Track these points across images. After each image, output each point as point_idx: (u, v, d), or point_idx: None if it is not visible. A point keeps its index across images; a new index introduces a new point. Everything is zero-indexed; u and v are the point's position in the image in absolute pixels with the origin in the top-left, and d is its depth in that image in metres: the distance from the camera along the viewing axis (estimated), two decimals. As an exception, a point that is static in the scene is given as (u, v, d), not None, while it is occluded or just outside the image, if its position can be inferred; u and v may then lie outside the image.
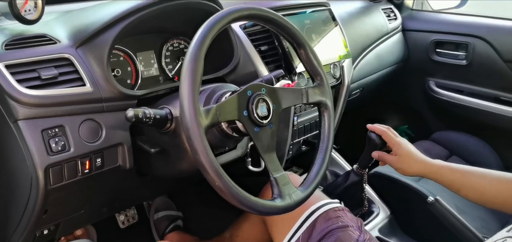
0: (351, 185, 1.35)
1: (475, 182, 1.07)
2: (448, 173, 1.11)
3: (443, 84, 2.13)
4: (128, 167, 1.03)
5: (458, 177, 1.09)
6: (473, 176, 1.08)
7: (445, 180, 1.11)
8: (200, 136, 0.80)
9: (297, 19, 1.47)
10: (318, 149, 1.04)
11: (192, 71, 0.82)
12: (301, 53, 1.05)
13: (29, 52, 0.93)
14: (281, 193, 0.91)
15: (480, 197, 1.07)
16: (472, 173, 1.09)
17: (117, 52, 1.13)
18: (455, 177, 1.10)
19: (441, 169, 1.12)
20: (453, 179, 1.10)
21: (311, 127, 1.50)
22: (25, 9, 0.99)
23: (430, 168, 1.13)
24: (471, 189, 1.07)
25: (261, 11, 0.96)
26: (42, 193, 0.91)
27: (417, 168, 1.15)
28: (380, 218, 1.45)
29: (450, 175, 1.11)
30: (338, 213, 1.12)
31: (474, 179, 1.08)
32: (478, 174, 1.08)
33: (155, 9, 1.05)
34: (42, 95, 0.90)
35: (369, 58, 1.89)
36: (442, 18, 2.17)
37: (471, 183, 1.08)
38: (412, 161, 1.16)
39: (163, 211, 1.67)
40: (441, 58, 2.10)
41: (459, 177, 1.09)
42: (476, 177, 1.08)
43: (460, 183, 1.09)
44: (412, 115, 2.36)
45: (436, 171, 1.12)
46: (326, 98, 1.06)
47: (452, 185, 1.11)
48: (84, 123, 0.95)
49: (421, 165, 1.14)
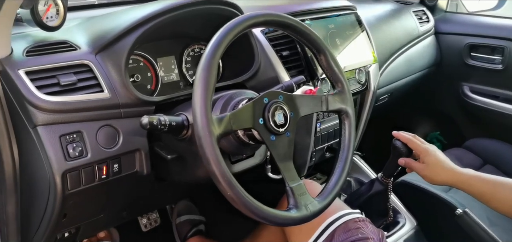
0: (375, 194, 1.31)
1: (506, 195, 1.02)
2: (478, 183, 1.06)
3: (477, 90, 2.05)
4: (145, 172, 1.03)
5: (489, 188, 1.05)
6: (504, 187, 1.03)
7: (475, 191, 1.07)
8: (212, 144, 0.79)
9: (321, 23, 1.44)
10: (338, 159, 1.01)
11: (205, 80, 0.81)
12: (321, 59, 1.02)
13: (49, 59, 0.95)
14: (297, 203, 0.89)
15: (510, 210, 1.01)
16: (504, 184, 1.04)
17: (137, 57, 1.14)
18: (485, 187, 1.05)
19: (470, 178, 1.08)
20: (483, 189, 1.06)
21: (334, 133, 1.47)
22: (47, 16, 1.01)
23: (458, 177, 1.09)
24: (502, 202, 1.03)
25: (278, 16, 0.94)
26: (60, 198, 0.92)
27: (445, 176, 1.11)
28: (406, 229, 1.40)
29: (480, 186, 1.06)
30: (359, 224, 1.09)
31: (505, 191, 1.03)
32: (510, 186, 1.03)
33: (174, 15, 1.05)
34: (60, 101, 0.91)
35: (399, 63, 1.84)
36: (478, 20, 2.09)
37: (502, 195, 1.03)
38: (440, 169, 1.11)
39: (186, 215, 1.67)
40: (475, 62, 2.03)
41: (490, 188, 1.05)
42: (507, 189, 1.03)
43: (490, 194, 1.05)
44: (444, 121, 2.28)
45: (465, 181, 1.08)
46: (347, 106, 1.03)
47: (482, 196, 1.06)
48: (101, 129, 0.96)
49: (450, 174, 1.10)
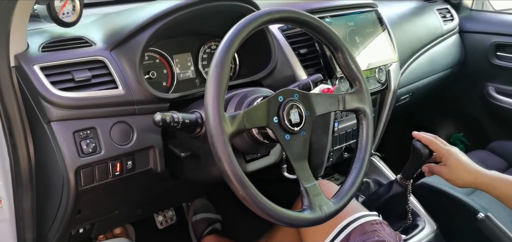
0: (394, 196, 1.28)
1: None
2: (502, 185, 1.03)
3: (503, 90, 1.99)
4: (159, 170, 1.02)
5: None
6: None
7: (498, 193, 1.04)
8: (224, 143, 0.77)
9: (341, 21, 1.41)
10: (355, 159, 0.98)
11: (218, 77, 0.79)
12: (339, 57, 1.00)
13: (64, 54, 0.95)
14: (311, 204, 0.87)
15: None
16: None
17: (153, 54, 1.13)
18: (510, 190, 1.01)
19: (494, 180, 1.04)
20: (508, 192, 1.02)
21: (353, 133, 1.44)
22: (63, 12, 1.01)
23: (482, 179, 1.06)
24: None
25: (294, 13, 0.92)
26: (73, 194, 0.92)
27: (468, 179, 1.08)
28: (425, 233, 1.36)
29: (504, 188, 1.03)
30: (375, 226, 1.06)
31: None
32: None
33: (190, 11, 1.04)
34: (74, 97, 0.91)
35: (421, 62, 1.80)
36: (505, 19, 2.03)
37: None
38: (463, 171, 1.08)
39: (202, 214, 1.66)
40: (502, 62, 1.97)
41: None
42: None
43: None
44: (468, 122, 2.22)
45: (488, 183, 1.05)
46: (364, 105, 1.00)
47: (507, 199, 1.03)
48: (115, 125, 0.96)
49: (473, 176, 1.07)
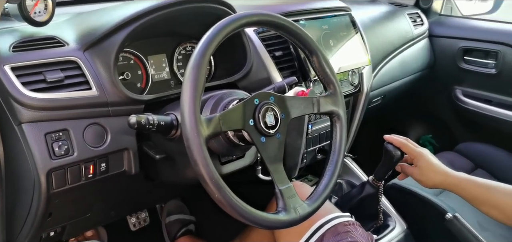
0: (366, 197, 1.30)
1: (499, 199, 1.02)
2: (470, 186, 1.06)
3: (470, 94, 2.05)
4: (133, 172, 1.01)
5: (482, 191, 1.05)
6: (497, 192, 1.03)
7: (467, 194, 1.07)
8: (200, 145, 0.78)
9: (315, 24, 1.43)
10: (328, 161, 1.00)
11: (194, 79, 0.79)
12: (314, 61, 1.01)
13: (36, 54, 0.93)
14: (286, 206, 0.88)
15: (503, 216, 1.01)
16: (497, 189, 1.03)
17: (128, 55, 1.12)
18: (478, 191, 1.05)
19: (463, 181, 1.07)
20: (476, 193, 1.05)
21: (326, 135, 1.46)
22: (35, 11, 0.99)
23: (451, 180, 1.09)
24: (494, 206, 1.02)
25: (271, 16, 0.92)
26: (45, 197, 0.91)
27: (438, 179, 1.11)
28: (396, 233, 1.39)
29: (472, 189, 1.06)
30: (348, 227, 1.08)
31: (498, 196, 1.02)
32: (503, 191, 1.03)
33: (165, 12, 1.03)
34: (46, 98, 0.89)
35: (392, 65, 1.83)
36: (472, 24, 2.09)
37: (494, 200, 1.03)
38: (433, 172, 1.11)
39: (176, 215, 1.66)
40: (469, 66, 2.02)
41: (482, 191, 1.04)
42: (500, 194, 1.02)
43: (483, 198, 1.04)
44: (436, 124, 2.28)
45: (458, 184, 1.08)
46: (338, 108, 1.02)
47: (475, 200, 1.06)
48: (89, 127, 0.94)
49: (442, 177, 1.10)
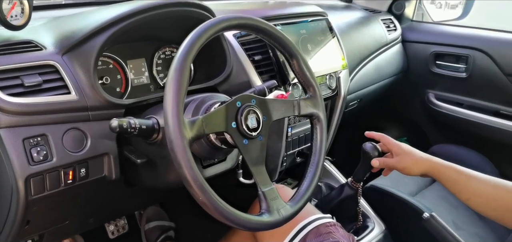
0: (345, 199, 1.33)
1: (478, 187, 1.04)
2: (453, 173, 1.08)
3: (442, 97, 2.10)
4: (114, 177, 1.00)
5: (463, 179, 1.07)
6: (477, 180, 1.06)
7: (448, 180, 1.09)
8: (184, 148, 0.77)
9: (293, 29, 1.45)
10: (310, 163, 1.01)
11: (177, 82, 0.79)
12: (294, 64, 1.03)
13: (13, 58, 0.91)
14: (269, 208, 0.88)
15: (481, 204, 1.04)
16: (476, 177, 1.06)
17: (107, 59, 1.11)
18: (460, 177, 1.07)
19: (444, 167, 1.10)
20: (456, 179, 1.07)
21: (305, 138, 1.48)
22: (12, 15, 0.97)
23: (434, 165, 1.11)
24: (474, 194, 1.05)
25: (252, 20, 0.93)
26: (23, 204, 0.88)
27: (422, 164, 1.12)
28: (375, 233, 1.41)
29: (453, 175, 1.08)
30: (330, 228, 1.09)
31: (477, 184, 1.05)
32: (482, 180, 1.05)
33: (145, 16, 1.03)
34: (24, 103, 0.87)
35: (368, 69, 1.87)
36: (443, 30, 2.15)
37: (474, 187, 1.05)
38: (415, 157, 1.13)
39: (155, 221, 1.64)
40: (441, 70, 2.08)
41: (463, 179, 1.07)
42: (480, 182, 1.05)
43: (463, 185, 1.06)
44: (411, 127, 2.33)
45: (439, 169, 1.10)
46: (318, 110, 1.03)
47: (454, 186, 1.08)
48: (68, 132, 0.93)
49: (425, 162, 1.12)
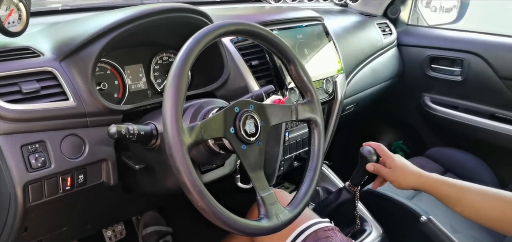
0: (343, 203, 1.33)
1: (471, 199, 1.05)
2: (444, 186, 1.09)
3: (438, 100, 2.11)
4: (112, 183, 1.00)
5: (455, 191, 1.07)
6: (469, 192, 1.06)
7: (441, 194, 1.09)
8: (183, 154, 0.78)
9: (290, 33, 1.45)
10: (307, 168, 1.02)
11: (176, 88, 0.79)
12: (291, 69, 1.03)
13: (10, 65, 0.91)
14: (268, 213, 0.88)
15: (475, 215, 1.04)
16: (469, 189, 1.07)
17: (104, 65, 1.11)
18: (451, 191, 1.08)
19: (436, 181, 1.10)
20: (449, 193, 1.08)
21: (303, 142, 1.48)
22: (9, 21, 0.97)
23: (425, 180, 1.11)
24: (467, 205, 1.05)
25: (249, 26, 0.94)
26: (21, 210, 0.88)
27: (412, 179, 1.13)
28: (373, 237, 1.42)
29: (446, 189, 1.08)
30: (328, 232, 1.09)
31: (470, 195, 1.05)
32: (474, 191, 1.06)
33: (142, 22, 1.03)
34: (22, 109, 0.87)
35: (364, 73, 1.88)
36: (438, 33, 2.16)
37: (467, 199, 1.05)
38: (406, 173, 1.14)
39: (152, 226, 1.64)
40: (436, 74, 2.09)
41: (456, 191, 1.07)
42: (472, 194, 1.05)
43: (456, 198, 1.07)
44: (407, 131, 2.34)
45: (431, 184, 1.10)
46: (316, 115, 1.04)
47: (448, 200, 1.08)
48: (66, 138, 0.92)
49: (416, 177, 1.13)
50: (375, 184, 1.24)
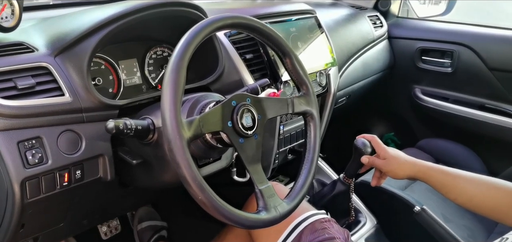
0: (338, 194, 1.34)
1: (465, 186, 1.06)
2: (438, 174, 1.10)
3: (428, 92, 2.14)
4: (109, 178, 1.00)
5: (449, 179, 1.09)
6: (463, 180, 1.08)
7: (435, 181, 1.11)
8: (183, 148, 0.78)
9: (283, 27, 1.46)
10: (304, 160, 1.02)
11: (174, 82, 0.79)
12: (287, 62, 1.03)
13: (5, 61, 0.90)
14: (266, 205, 0.89)
15: (469, 202, 1.06)
16: (462, 177, 1.08)
17: (99, 60, 1.10)
18: (445, 179, 1.09)
19: (431, 169, 1.12)
20: (443, 181, 1.09)
21: (297, 135, 1.49)
22: (2, 17, 0.96)
23: (420, 168, 1.13)
24: (461, 193, 1.07)
25: (246, 19, 0.94)
26: (19, 207, 0.88)
27: (407, 168, 1.14)
28: (367, 228, 1.44)
29: (440, 177, 1.10)
30: (325, 224, 1.10)
31: (463, 183, 1.07)
32: (468, 179, 1.07)
33: (137, 17, 1.03)
34: (18, 105, 0.86)
35: (356, 66, 1.89)
36: (428, 25, 2.19)
37: (461, 187, 1.07)
38: (401, 162, 1.15)
39: (147, 221, 1.64)
40: (426, 65, 2.11)
41: (449, 179, 1.09)
42: (466, 182, 1.07)
43: (450, 185, 1.08)
44: (398, 122, 2.37)
45: (426, 171, 1.12)
46: (312, 108, 1.04)
47: (442, 187, 1.10)
48: (63, 134, 0.92)
49: (411, 165, 1.14)
50: (374, 181, 1.24)
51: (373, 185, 1.25)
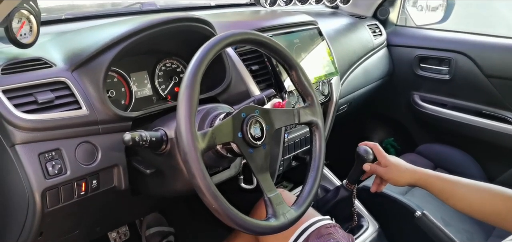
0: (341, 200, 1.37)
1: (464, 193, 1.10)
2: (437, 181, 1.14)
3: (427, 98, 2.18)
4: (123, 187, 1.04)
5: (448, 186, 1.12)
6: (462, 186, 1.11)
7: (435, 189, 1.14)
8: (197, 159, 0.82)
9: (287, 38, 1.50)
10: (310, 168, 1.07)
11: (189, 97, 0.84)
12: (293, 75, 1.08)
13: (25, 76, 0.94)
14: (276, 212, 0.93)
15: (468, 208, 1.10)
16: (462, 183, 1.12)
17: (111, 73, 1.15)
18: (445, 186, 1.13)
19: (431, 177, 1.15)
20: (442, 188, 1.13)
21: (301, 143, 1.53)
22: (21, 33, 1.00)
23: (419, 176, 1.17)
24: (460, 199, 1.11)
25: (255, 35, 0.99)
26: (39, 216, 0.92)
27: (408, 176, 1.18)
28: (369, 232, 1.47)
29: (440, 184, 1.14)
30: (330, 229, 1.14)
31: (463, 190, 1.11)
32: (467, 185, 1.11)
33: (151, 32, 1.07)
34: (39, 119, 0.90)
35: (356, 74, 1.93)
36: (425, 34, 2.23)
37: (460, 194, 1.11)
38: (401, 170, 1.19)
39: (155, 227, 1.67)
40: (425, 72, 2.15)
41: (449, 186, 1.12)
42: (465, 188, 1.11)
43: (449, 192, 1.12)
44: (397, 128, 2.41)
45: (426, 179, 1.16)
46: (317, 118, 1.09)
47: (442, 194, 1.13)
48: (80, 146, 0.96)
49: (411, 173, 1.18)
50: (374, 187, 1.28)
51: (373, 191, 1.29)
